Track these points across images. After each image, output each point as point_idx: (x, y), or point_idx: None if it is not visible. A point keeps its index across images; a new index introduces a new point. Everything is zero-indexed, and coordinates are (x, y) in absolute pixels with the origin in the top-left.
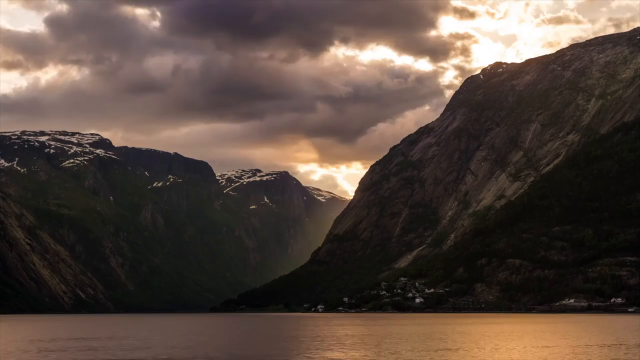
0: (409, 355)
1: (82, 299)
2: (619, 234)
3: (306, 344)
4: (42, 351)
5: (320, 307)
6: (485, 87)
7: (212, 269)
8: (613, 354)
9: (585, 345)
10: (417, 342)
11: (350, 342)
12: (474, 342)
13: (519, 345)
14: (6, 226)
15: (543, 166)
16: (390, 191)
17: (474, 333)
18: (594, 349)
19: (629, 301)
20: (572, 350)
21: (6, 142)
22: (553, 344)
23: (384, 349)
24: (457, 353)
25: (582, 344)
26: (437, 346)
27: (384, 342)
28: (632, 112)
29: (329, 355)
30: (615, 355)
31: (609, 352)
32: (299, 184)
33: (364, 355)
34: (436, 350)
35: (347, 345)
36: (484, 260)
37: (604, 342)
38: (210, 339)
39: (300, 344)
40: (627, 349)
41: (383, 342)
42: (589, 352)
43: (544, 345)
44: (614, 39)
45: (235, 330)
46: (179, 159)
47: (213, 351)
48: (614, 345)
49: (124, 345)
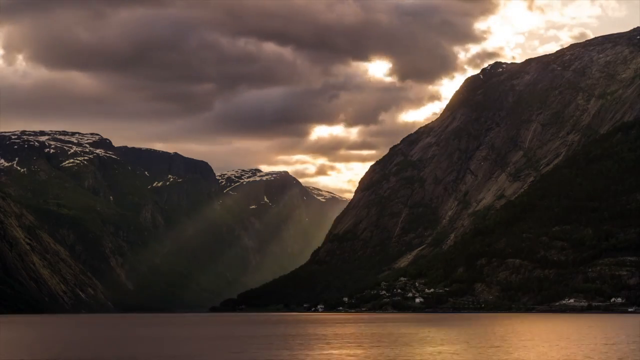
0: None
1: (82, 298)
2: (619, 234)
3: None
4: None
5: (320, 307)
6: (485, 87)
7: (212, 269)
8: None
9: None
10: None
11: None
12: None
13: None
14: (6, 226)
15: (543, 166)
16: (390, 191)
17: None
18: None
19: (629, 301)
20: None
21: (6, 142)
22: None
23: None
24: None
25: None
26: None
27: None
28: (632, 112)
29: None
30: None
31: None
32: (299, 184)
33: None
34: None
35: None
36: (484, 260)
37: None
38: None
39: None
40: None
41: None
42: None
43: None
44: (614, 39)
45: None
46: (179, 159)
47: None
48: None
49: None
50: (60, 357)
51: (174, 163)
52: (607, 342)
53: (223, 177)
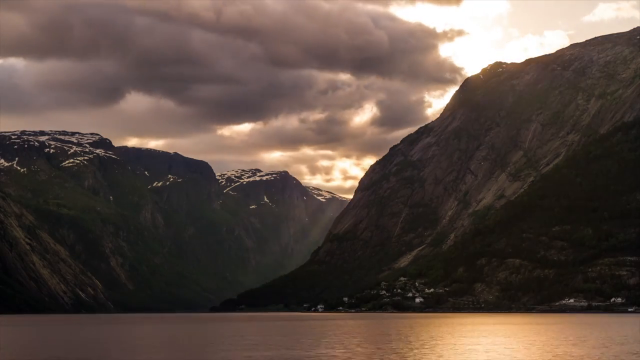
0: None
1: (82, 298)
2: (619, 234)
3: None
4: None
5: (320, 307)
6: (485, 87)
7: (212, 269)
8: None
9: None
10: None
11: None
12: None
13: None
14: (6, 226)
15: (543, 166)
16: (390, 191)
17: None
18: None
19: (629, 301)
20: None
21: (6, 142)
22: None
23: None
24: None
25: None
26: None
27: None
28: (632, 112)
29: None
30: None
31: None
32: (299, 184)
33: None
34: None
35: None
36: (483, 260)
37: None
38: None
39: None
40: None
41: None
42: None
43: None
44: (614, 39)
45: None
46: (179, 159)
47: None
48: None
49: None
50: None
51: (174, 163)
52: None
53: (223, 177)
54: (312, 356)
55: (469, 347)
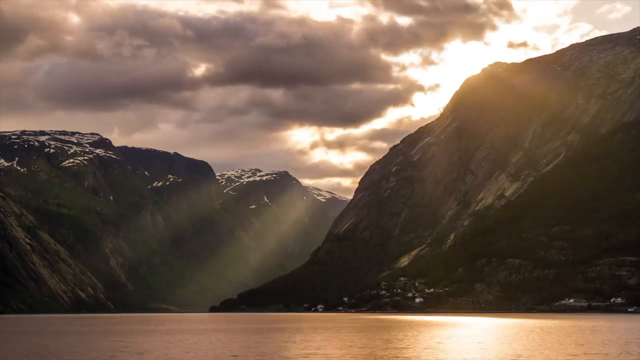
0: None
1: (82, 298)
2: (618, 234)
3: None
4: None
5: (320, 307)
6: (485, 87)
7: (212, 269)
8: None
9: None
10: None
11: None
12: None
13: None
14: (6, 226)
15: (543, 166)
16: (390, 191)
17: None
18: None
19: (629, 301)
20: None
21: (6, 141)
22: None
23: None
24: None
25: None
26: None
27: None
28: (632, 112)
29: None
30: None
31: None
32: (299, 184)
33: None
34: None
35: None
36: (484, 260)
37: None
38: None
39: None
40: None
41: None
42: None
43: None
44: (614, 39)
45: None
46: (179, 159)
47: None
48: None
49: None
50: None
51: (174, 163)
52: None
53: (223, 177)
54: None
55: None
